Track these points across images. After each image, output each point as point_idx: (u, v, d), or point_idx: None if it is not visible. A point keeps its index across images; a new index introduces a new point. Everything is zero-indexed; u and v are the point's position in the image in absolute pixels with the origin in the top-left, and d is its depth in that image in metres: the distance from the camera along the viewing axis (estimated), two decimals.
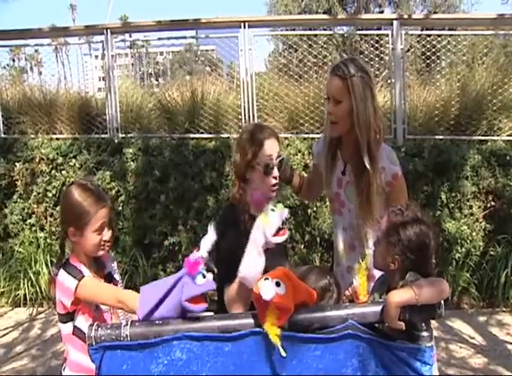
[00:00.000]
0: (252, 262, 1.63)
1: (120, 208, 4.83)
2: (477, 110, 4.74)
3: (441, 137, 4.73)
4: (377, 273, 1.77)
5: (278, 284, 1.41)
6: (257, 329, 1.42)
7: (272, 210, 1.67)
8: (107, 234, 1.79)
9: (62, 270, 1.71)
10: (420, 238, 1.54)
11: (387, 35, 4.92)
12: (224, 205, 2.05)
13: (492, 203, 4.41)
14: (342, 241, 2.14)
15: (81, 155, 5.01)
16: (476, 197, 4.44)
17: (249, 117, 5.01)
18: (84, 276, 1.69)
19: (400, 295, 1.39)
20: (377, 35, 5.58)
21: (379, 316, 1.44)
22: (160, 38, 5.68)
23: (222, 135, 5.08)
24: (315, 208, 4.63)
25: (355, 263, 1.70)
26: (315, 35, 5.65)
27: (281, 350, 1.34)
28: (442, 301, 1.44)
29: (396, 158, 2.05)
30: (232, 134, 5.06)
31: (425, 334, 1.44)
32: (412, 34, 4.94)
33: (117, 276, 1.96)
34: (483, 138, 4.69)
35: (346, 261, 2.12)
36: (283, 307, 1.38)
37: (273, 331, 1.37)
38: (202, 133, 5.12)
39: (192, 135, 5.12)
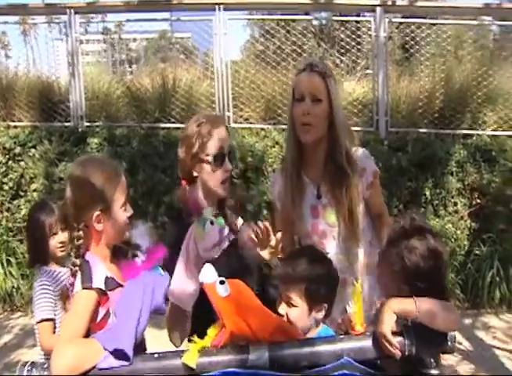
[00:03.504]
0: (183, 282, 1.43)
1: None
2: (462, 103, 4.58)
3: (424, 130, 4.54)
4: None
5: (222, 282, 1.22)
6: (232, 370, 1.15)
7: (211, 223, 1.46)
8: (130, 209, 1.47)
9: (78, 273, 1.37)
10: (430, 262, 1.27)
11: (369, 22, 4.70)
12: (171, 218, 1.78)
13: (477, 200, 4.27)
14: None
15: (42, 145, 4.66)
16: (461, 193, 4.28)
17: (223, 105, 4.73)
18: (90, 287, 1.32)
19: (399, 303, 1.21)
20: (356, 22, 5.36)
21: (379, 351, 1.20)
22: (128, 20, 5.27)
23: None
24: None
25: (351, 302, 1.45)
26: (294, 21, 5.36)
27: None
28: (455, 334, 1.21)
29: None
30: None
31: (434, 372, 1.21)
32: (395, 22, 4.71)
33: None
34: (468, 132, 4.52)
35: (340, 301, 1.67)
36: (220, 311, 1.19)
37: (198, 347, 1.17)
38: (173, 123, 4.81)
39: (162, 125, 4.81)
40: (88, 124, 4.86)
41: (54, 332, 1.92)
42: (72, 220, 1.40)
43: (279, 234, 1.57)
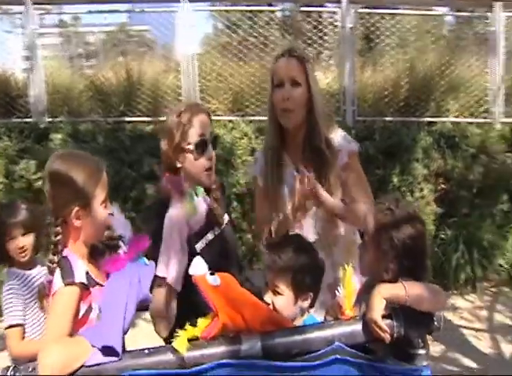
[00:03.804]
0: (180, 262, 1.45)
1: None
2: (426, 92, 4.67)
3: (391, 119, 4.62)
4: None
5: (212, 274, 1.20)
6: (226, 361, 1.14)
7: (196, 195, 1.53)
8: (110, 207, 1.43)
9: (57, 269, 1.32)
10: (416, 241, 1.30)
11: (333, 13, 4.74)
12: (153, 202, 1.78)
13: (442, 185, 4.38)
14: None
15: (1, 142, 4.45)
16: (426, 179, 4.39)
17: (190, 98, 4.66)
18: (72, 282, 1.28)
19: (389, 289, 1.22)
20: (319, 13, 5.40)
21: (369, 335, 1.22)
22: (90, 11, 5.09)
23: (162, 119, 4.68)
24: None
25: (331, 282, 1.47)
26: (261, 11, 5.33)
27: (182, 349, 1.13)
28: (442, 314, 1.24)
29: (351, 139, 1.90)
30: None
31: (421, 351, 1.24)
32: (361, 13, 4.76)
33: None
34: (432, 119, 4.64)
35: None
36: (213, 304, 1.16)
37: (188, 334, 1.15)
38: (139, 116, 4.71)
39: (128, 119, 4.71)
40: (49, 119, 4.70)
41: (23, 338, 1.86)
42: (50, 215, 1.35)
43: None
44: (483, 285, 4.31)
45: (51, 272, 1.32)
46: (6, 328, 1.86)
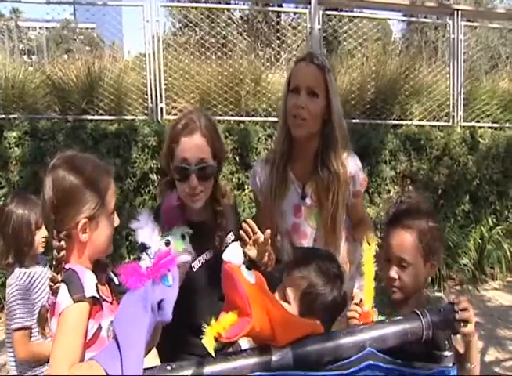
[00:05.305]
0: None
1: (2, 203, 4.05)
2: (391, 95, 4.76)
3: (357, 121, 4.68)
4: None
5: (248, 268, 1.09)
6: (256, 374, 1.06)
7: (167, 243, 1.17)
8: (117, 219, 1.27)
9: (62, 285, 1.15)
10: (439, 238, 1.39)
11: (296, 14, 4.76)
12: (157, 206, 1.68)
13: (409, 187, 4.48)
14: None
15: None
16: (393, 181, 4.47)
17: (156, 96, 4.52)
18: (83, 297, 1.12)
19: None
20: (277, 15, 5.40)
21: (398, 338, 1.18)
22: (49, 1, 4.77)
23: (126, 117, 4.50)
24: None
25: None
26: (228, 10, 5.26)
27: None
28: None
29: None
30: (137, 115, 4.51)
31: (448, 353, 1.22)
32: (329, 15, 4.77)
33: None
34: (397, 122, 4.73)
35: None
36: (244, 307, 1.02)
37: (213, 332, 1.01)
38: (102, 115, 4.49)
39: (90, 117, 4.47)
40: (2, 116, 4.40)
41: (30, 337, 1.85)
42: (52, 227, 1.18)
43: (268, 232, 1.45)
44: (448, 284, 4.44)
45: (54, 292, 1.16)
46: (13, 331, 1.84)
